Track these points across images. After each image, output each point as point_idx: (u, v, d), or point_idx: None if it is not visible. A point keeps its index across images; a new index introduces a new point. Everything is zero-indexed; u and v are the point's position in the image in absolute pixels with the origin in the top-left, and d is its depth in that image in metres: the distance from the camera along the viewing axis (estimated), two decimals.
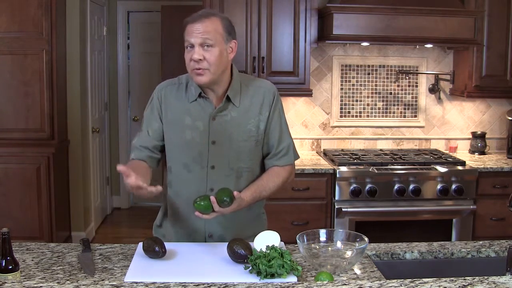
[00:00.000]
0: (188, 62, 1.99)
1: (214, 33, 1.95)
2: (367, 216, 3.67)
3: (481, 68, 4.00)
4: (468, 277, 1.61)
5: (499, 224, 3.79)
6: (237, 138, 2.05)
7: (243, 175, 2.08)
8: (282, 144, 2.12)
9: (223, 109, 2.05)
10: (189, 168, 2.07)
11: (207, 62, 1.95)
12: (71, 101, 4.57)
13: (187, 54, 1.99)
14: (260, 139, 2.10)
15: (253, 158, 2.11)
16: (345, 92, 4.26)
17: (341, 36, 3.69)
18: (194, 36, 1.95)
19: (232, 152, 2.05)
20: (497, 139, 4.40)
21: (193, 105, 2.06)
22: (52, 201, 4.15)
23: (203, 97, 2.05)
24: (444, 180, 3.68)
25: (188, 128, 2.05)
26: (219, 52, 1.96)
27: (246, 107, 2.07)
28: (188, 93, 2.08)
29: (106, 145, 5.83)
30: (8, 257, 1.62)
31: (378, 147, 4.32)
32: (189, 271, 1.77)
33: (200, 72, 1.96)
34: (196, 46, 1.95)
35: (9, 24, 4.03)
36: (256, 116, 2.07)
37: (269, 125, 2.09)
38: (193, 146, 2.05)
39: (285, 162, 2.14)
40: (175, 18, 5.24)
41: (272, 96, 2.10)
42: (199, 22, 1.95)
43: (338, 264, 1.80)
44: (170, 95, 2.10)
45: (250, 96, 2.08)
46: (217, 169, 2.05)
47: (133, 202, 6.25)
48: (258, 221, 2.20)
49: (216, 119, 2.04)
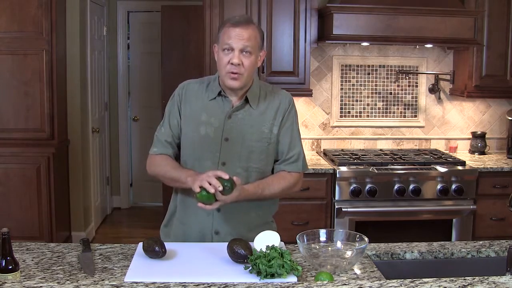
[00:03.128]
0: (225, 64, 2.03)
1: (254, 41, 2.03)
2: (367, 216, 3.67)
3: (481, 68, 4.00)
4: (468, 277, 1.61)
5: (499, 224, 3.79)
6: (250, 137, 2.09)
7: (252, 175, 2.11)
8: (293, 151, 2.16)
9: (239, 108, 2.10)
10: (201, 163, 2.10)
11: (243, 68, 2.02)
12: (71, 101, 4.57)
13: (225, 57, 2.03)
14: (273, 142, 2.13)
15: (264, 160, 2.13)
16: (345, 92, 4.26)
17: (341, 36, 3.69)
18: (236, 40, 2.01)
19: (244, 150, 2.09)
20: (497, 139, 4.40)
21: (211, 103, 2.12)
22: (52, 201, 4.15)
23: (223, 95, 2.11)
24: (444, 180, 3.68)
25: (203, 124, 2.10)
26: (254, 60, 2.05)
27: (262, 111, 2.12)
28: (209, 91, 2.14)
29: (106, 145, 5.83)
30: (8, 257, 1.62)
31: (378, 147, 4.32)
32: (189, 271, 1.77)
33: (236, 77, 2.03)
34: (236, 51, 2.01)
35: (9, 24, 4.03)
36: (271, 120, 2.13)
37: (281, 130, 2.14)
38: (207, 142, 2.09)
39: (293, 169, 2.17)
40: (175, 18, 5.25)
41: (288, 103, 2.17)
42: (242, 28, 2.01)
43: (338, 264, 1.80)
44: (191, 91, 2.16)
45: (268, 101, 2.14)
46: (228, 166, 2.08)
47: (133, 202, 6.25)
48: (267, 228, 2.18)
49: (232, 117, 2.09)
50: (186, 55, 5.17)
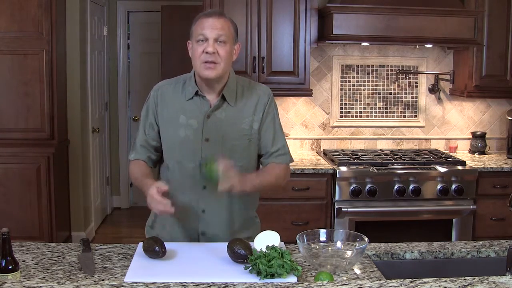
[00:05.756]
0: (199, 54, 2.01)
1: (228, 30, 2.01)
2: (367, 216, 3.67)
3: (481, 68, 4.00)
4: (468, 277, 1.61)
5: (499, 224, 3.79)
6: (230, 136, 2.08)
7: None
8: (277, 145, 2.15)
9: (218, 107, 2.08)
10: (183, 165, 2.09)
11: (219, 57, 1.99)
12: (71, 101, 4.57)
13: (199, 47, 2.01)
14: (254, 139, 2.12)
15: (247, 157, 2.13)
16: (345, 92, 4.25)
17: (341, 36, 3.69)
18: (209, 30, 1.99)
19: (225, 150, 2.07)
20: (497, 139, 4.40)
21: (189, 103, 2.09)
22: (52, 201, 4.15)
23: (200, 95, 2.08)
24: (444, 180, 3.68)
25: (182, 126, 2.08)
26: (230, 50, 2.02)
27: (241, 107, 2.10)
28: (185, 91, 2.11)
29: (106, 145, 5.83)
30: (8, 257, 1.62)
31: (378, 147, 4.32)
32: (189, 271, 1.77)
33: (211, 66, 1.99)
34: (210, 40, 1.98)
35: (9, 24, 4.02)
36: (250, 115, 2.10)
37: (262, 125, 2.12)
38: (187, 144, 2.08)
39: (282, 161, 2.16)
40: (175, 18, 5.25)
41: (267, 98, 2.14)
42: (215, 18, 2.00)
43: (338, 264, 1.80)
44: (166, 94, 2.13)
45: (246, 97, 2.12)
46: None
47: (133, 202, 6.25)
48: (251, 224, 2.22)
49: (211, 117, 2.07)
50: (186, 55, 5.10)
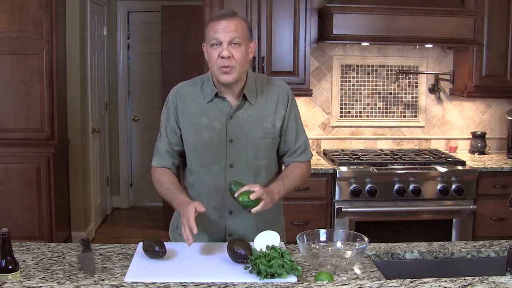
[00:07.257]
0: (215, 59, 1.97)
1: (241, 31, 1.97)
2: (367, 216, 3.67)
3: (481, 68, 4.00)
4: (468, 277, 1.61)
5: (499, 224, 3.79)
6: (254, 136, 2.07)
7: (261, 173, 2.10)
8: (299, 142, 2.16)
9: (239, 107, 2.06)
10: (208, 168, 2.08)
11: (234, 60, 1.96)
12: (71, 101, 4.57)
13: (214, 52, 1.97)
14: (276, 136, 2.12)
15: (270, 155, 2.13)
16: (345, 92, 4.25)
17: (341, 36, 3.69)
18: (222, 33, 1.95)
19: (250, 149, 2.06)
20: (497, 139, 4.40)
21: (210, 105, 2.07)
22: (52, 201, 4.15)
23: (220, 97, 2.06)
24: (444, 180, 3.68)
25: (205, 129, 2.06)
26: (245, 51, 1.99)
27: (262, 105, 2.09)
28: (204, 93, 2.08)
29: (106, 145, 5.83)
30: (8, 257, 1.62)
31: (378, 147, 4.32)
32: (189, 271, 1.77)
33: (227, 71, 1.96)
34: (225, 43, 1.95)
35: (9, 24, 4.02)
36: (271, 114, 2.09)
37: (286, 123, 2.12)
38: (211, 146, 2.06)
39: (303, 159, 2.18)
40: (175, 18, 5.24)
41: (287, 94, 2.13)
42: (226, 20, 1.96)
43: (338, 264, 1.80)
44: (185, 97, 2.11)
45: (265, 94, 2.10)
46: (236, 167, 2.07)
47: (133, 202, 6.25)
48: (276, 223, 2.20)
49: (233, 118, 2.06)
50: (186, 55, 5.16)
